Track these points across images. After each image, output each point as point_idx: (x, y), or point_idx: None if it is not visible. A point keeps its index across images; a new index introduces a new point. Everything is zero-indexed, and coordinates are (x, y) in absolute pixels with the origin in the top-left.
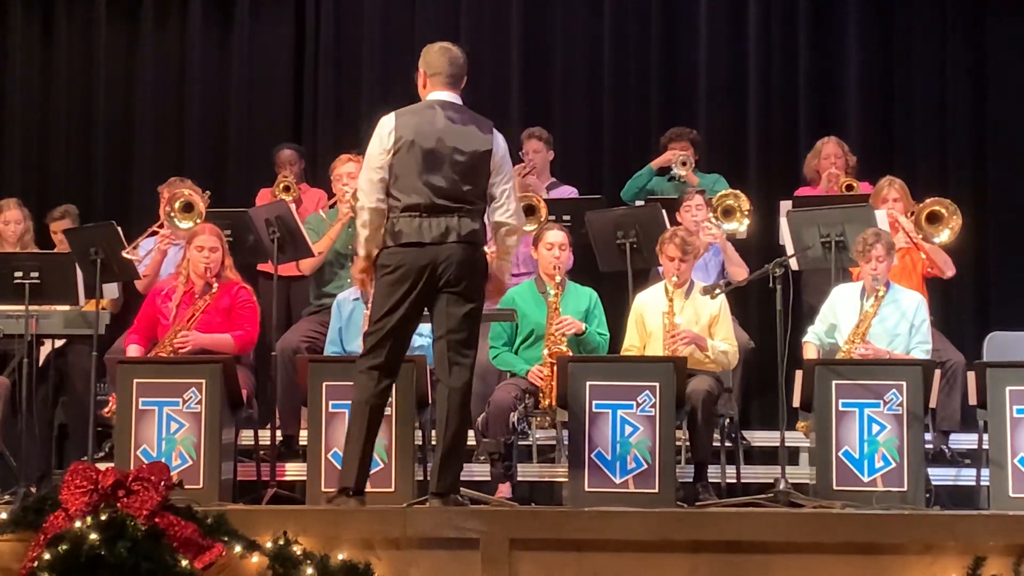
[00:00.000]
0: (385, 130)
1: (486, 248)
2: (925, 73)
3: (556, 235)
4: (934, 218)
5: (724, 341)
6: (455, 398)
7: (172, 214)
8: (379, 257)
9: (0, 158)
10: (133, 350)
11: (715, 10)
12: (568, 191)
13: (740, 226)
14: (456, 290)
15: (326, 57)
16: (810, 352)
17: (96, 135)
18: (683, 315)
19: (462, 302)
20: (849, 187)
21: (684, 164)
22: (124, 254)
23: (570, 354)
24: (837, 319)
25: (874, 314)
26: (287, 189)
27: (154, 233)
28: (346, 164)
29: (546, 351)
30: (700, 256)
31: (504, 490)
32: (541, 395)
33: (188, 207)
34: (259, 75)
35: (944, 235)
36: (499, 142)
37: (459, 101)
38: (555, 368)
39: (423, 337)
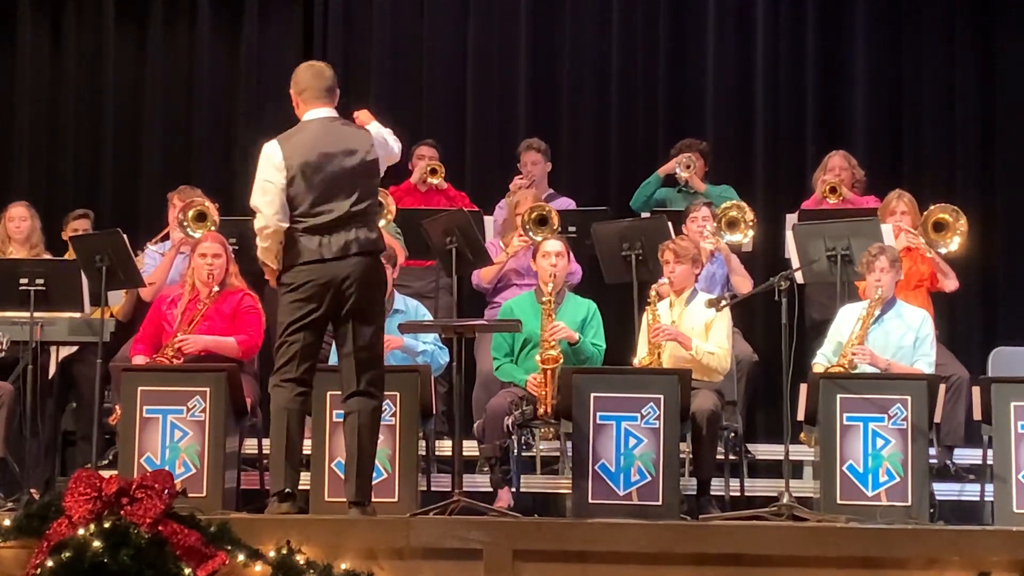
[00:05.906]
0: (275, 159)
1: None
2: (933, 86)
3: (553, 244)
4: (940, 227)
5: (714, 344)
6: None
7: (185, 223)
8: (282, 276)
9: (9, 163)
10: (139, 360)
11: (723, 22)
12: (565, 203)
13: (744, 238)
14: (360, 307)
15: (335, 62)
16: None
17: (104, 140)
18: (682, 322)
19: (367, 319)
20: (833, 189)
21: (688, 168)
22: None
23: (562, 361)
24: (843, 338)
25: (869, 316)
26: None
27: (165, 238)
28: None
29: (538, 356)
30: (701, 263)
31: (504, 496)
32: (538, 403)
33: (201, 216)
34: (268, 80)
35: (954, 243)
36: (375, 138)
37: (334, 114)
38: (547, 374)
39: (427, 344)
